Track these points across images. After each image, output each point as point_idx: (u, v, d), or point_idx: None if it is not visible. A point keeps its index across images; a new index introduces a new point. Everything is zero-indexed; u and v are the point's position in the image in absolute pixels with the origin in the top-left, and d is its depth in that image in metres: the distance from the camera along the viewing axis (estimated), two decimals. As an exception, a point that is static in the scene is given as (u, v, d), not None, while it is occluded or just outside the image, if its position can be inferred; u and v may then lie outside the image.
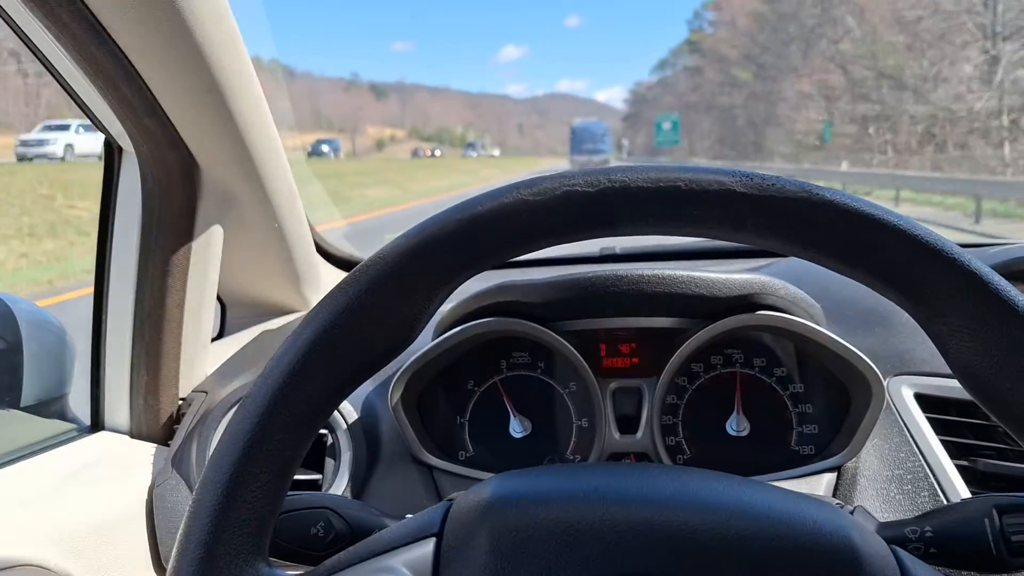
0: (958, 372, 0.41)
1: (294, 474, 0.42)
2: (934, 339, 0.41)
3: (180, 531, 0.40)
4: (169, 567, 0.40)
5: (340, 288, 0.41)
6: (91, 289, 0.91)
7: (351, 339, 0.41)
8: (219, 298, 1.14)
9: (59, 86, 0.78)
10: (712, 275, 0.81)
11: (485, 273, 0.73)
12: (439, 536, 0.42)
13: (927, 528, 0.52)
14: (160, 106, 0.76)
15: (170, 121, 0.79)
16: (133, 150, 0.82)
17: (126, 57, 0.69)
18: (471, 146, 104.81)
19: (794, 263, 1.09)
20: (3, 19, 0.69)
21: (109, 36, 0.67)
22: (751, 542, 0.40)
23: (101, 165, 0.88)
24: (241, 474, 0.39)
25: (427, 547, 0.42)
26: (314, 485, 0.84)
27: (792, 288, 0.82)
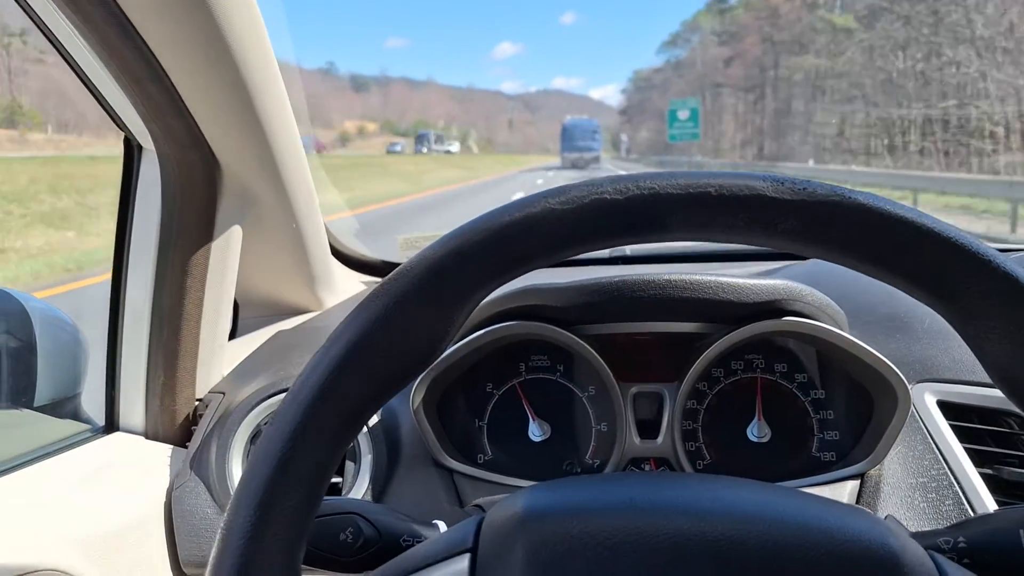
0: (994, 375, 0.41)
1: (325, 491, 0.42)
2: (969, 342, 0.41)
3: (212, 555, 0.39)
4: None
5: (368, 301, 0.41)
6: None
7: (381, 353, 0.40)
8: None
9: (80, 82, 0.77)
10: (739, 280, 0.80)
11: None
12: (473, 551, 0.42)
13: (960, 539, 0.52)
14: (185, 105, 0.76)
15: (194, 120, 0.78)
16: (154, 148, 0.81)
17: (154, 56, 0.69)
18: (421, 139, 77.57)
19: (812, 267, 1.09)
20: (30, 17, 0.69)
21: (138, 35, 0.66)
22: (791, 551, 0.40)
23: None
24: (273, 495, 0.39)
25: (462, 563, 0.42)
26: (334, 488, 0.84)
27: (818, 294, 0.82)
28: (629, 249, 1.35)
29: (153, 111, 0.75)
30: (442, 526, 0.61)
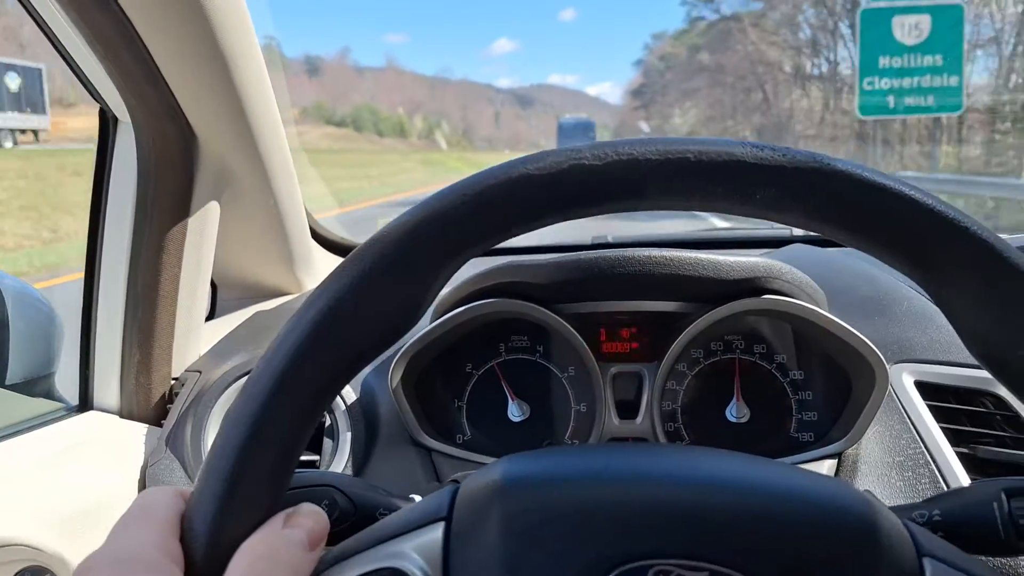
0: (967, 341, 0.41)
1: (299, 457, 0.41)
2: (944, 310, 0.41)
3: (185, 518, 0.39)
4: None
5: (344, 267, 0.40)
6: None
7: (356, 319, 0.40)
8: (211, 279, 1.13)
9: (55, 50, 0.76)
10: (718, 257, 0.81)
11: (480, 260, 0.72)
12: (448, 520, 0.42)
13: (935, 512, 0.52)
14: (161, 74, 0.74)
15: (170, 90, 0.77)
16: (130, 121, 0.80)
17: (129, 22, 0.67)
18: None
19: (792, 251, 1.10)
20: None
21: (114, 1, 0.65)
22: (767, 519, 0.39)
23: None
24: (246, 458, 0.38)
25: (436, 532, 0.41)
26: (312, 466, 0.83)
27: (798, 272, 0.82)
28: (611, 236, 1.35)
29: (128, 81, 0.74)
30: (419, 500, 0.61)
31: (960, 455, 0.76)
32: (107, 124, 0.84)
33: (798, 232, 1.30)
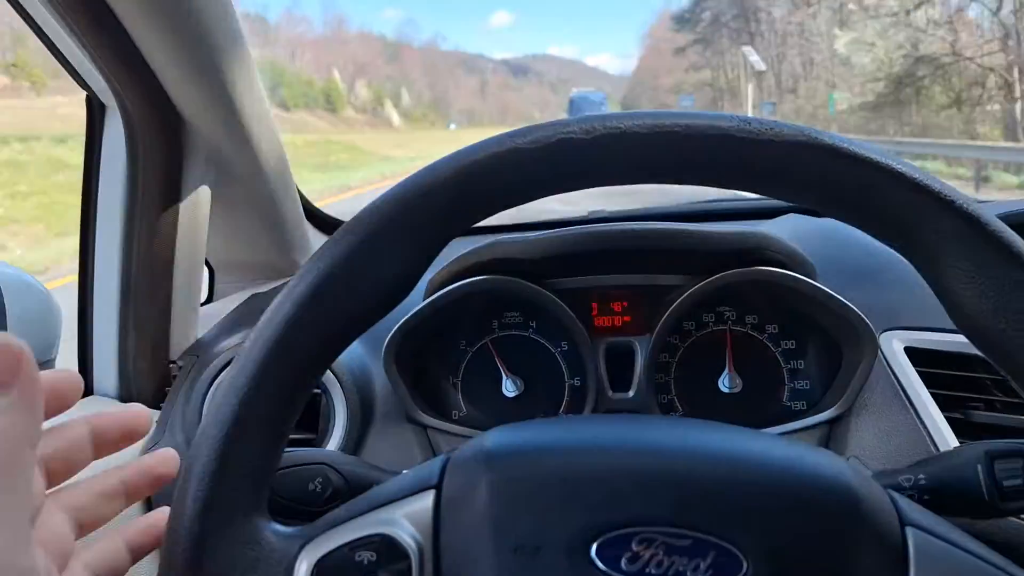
0: (956, 318, 0.41)
1: (291, 429, 0.42)
2: (930, 282, 0.41)
3: (176, 488, 0.39)
4: (167, 525, 0.40)
5: (334, 240, 0.41)
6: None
7: (345, 291, 0.41)
8: (207, 263, 1.13)
9: (37, 37, 0.76)
10: (708, 228, 0.81)
11: (472, 237, 0.73)
12: (438, 488, 0.42)
13: (920, 476, 0.53)
14: (143, 58, 0.74)
15: (154, 74, 0.77)
16: (116, 106, 0.80)
17: (107, 6, 0.67)
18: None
19: (784, 222, 1.10)
20: None
21: None
22: (751, 488, 0.40)
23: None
24: (237, 429, 0.39)
25: (427, 499, 0.42)
26: (308, 445, 0.84)
27: (788, 242, 0.82)
28: (606, 211, 1.35)
29: (111, 66, 0.74)
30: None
31: (950, 420, 0.76)
32: (94, 111, 0.84)
33: None
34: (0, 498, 0.30)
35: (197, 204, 0.89)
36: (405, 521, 0.41)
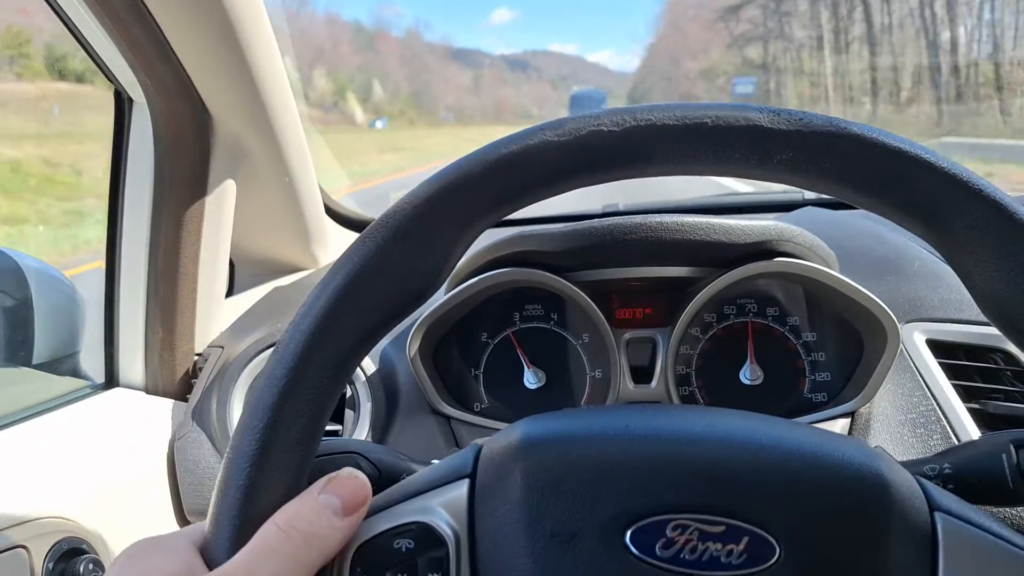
0: (981, 302, 0.42)
1: (327, 419, 0.42)
2: (958, 270, 0.42)
3: (219, 477, 0.40)
4: (209, 512, 0.40)
5: (367, 235, 0.41)
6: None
7: (377, 286, 0.41)
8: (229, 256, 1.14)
9: (68, 32, 0.77)
10: (729, 221, 0.81)
11: (494, 230, 0.74)
12: (472, 477, 0.43)
13: (946, 465, 0.53)
14: (174, 54, 0.75)
15: (183, 69, 0.78)
16: (144, 100, 0.81)
17: (142, 2, 0.68)
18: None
19: (803, 214, 1.10)
20: None
21: None
22: (782, 475, 0.41)
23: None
24: (277, 419, 0.39)
25: (462, 488, 0.43)
26: (335, 435, 0.85)
27: (809, 235, 0.82)
28: (622, 204, 1.36)
29: (142, 61, 0.75)
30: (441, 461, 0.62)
31: (971, 411, 0.77)
32: (122, 104, 0.85)
33: (810, 195, 1.30)
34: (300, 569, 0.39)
35: (222, 198, 0.90)
36: (441, 509, 0.42)
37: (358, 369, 0.85)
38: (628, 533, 0.39)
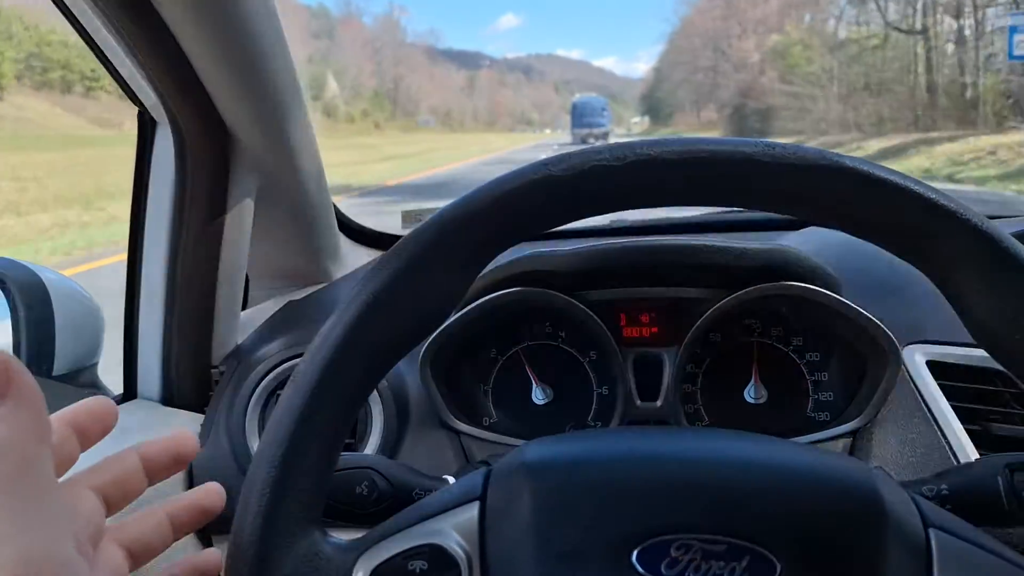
0: (973, 330, 0.43)
1: (343, 444, 0.45)
2: (950, 299, 0.44)
3: (238, 507, 0.42)
4: (230, 539, 0.42)
5: (382, 264, 0.43)
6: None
7: (394, 314, 0.43)
8: (244, 270, 1.16)
9: (93, 55, 0.79)
10: (735, 245, 0.83)
11: None
12: (482, 499, 0.45)
13: (943, 486, 0.55)
14: (198, 79, 0.78)
15: (207, 93, 0.80)
16: (168, 122, 0.83)
17: (167, 28, 0.71)
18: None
19: (808, 234, 1.12)
20: None
21: (152, 7, 0.68)
22: (782, 495, 0.42)
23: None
24: (294, 447, 0.41)
25: (472, 511, 0.44)
26: (347, 448, 0.87)
27: (812, 258, 0.84)
28: (629, 219, 1.37)
29: (166, 84, 0.77)
30: (451, 480, 0.64)
31: (970, 432, 0.79)
32: (145, 125, 0.87)
33: None
34: (25, 491, 0.33)
35: (241, 215, 0.93)
36: (453, 531, 0.44)
37: None
38: (635, 553, 0.41)
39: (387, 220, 1.44)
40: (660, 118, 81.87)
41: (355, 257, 1.24)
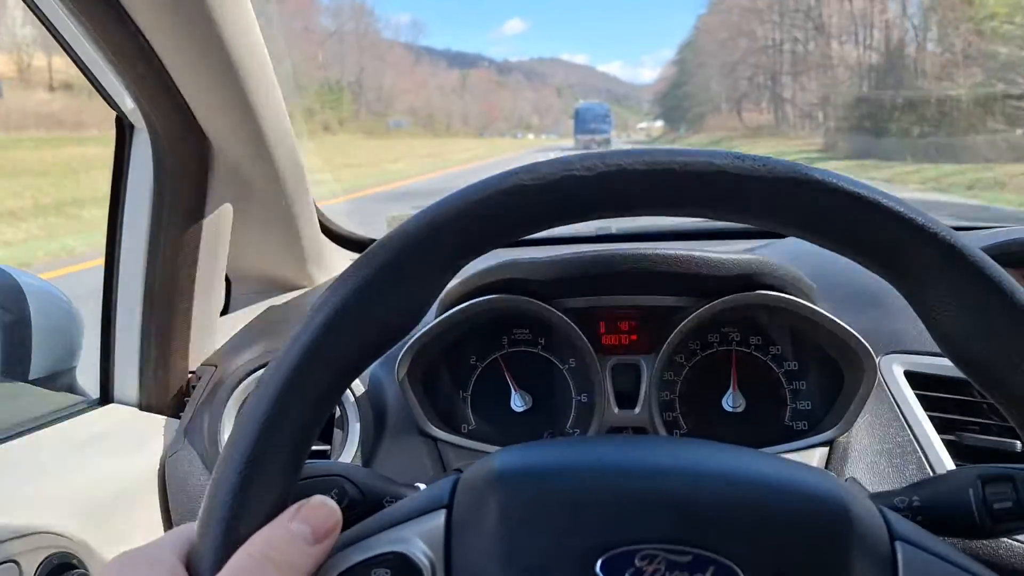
0: (940, 342, 0.43)
1: (309, 451, 0.44)
2: (918, 311, 0.44)
3: (201, 509, 0.41)
4: (196, 536, 0.42)
5: (349, 273, 0.43)
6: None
7: (362, 321, 0.43)
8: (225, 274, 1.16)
9: (70, 60, 0.79)
10: (713, 255, 0.83)
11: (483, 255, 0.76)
12: (449, 507, 0.44)
13: (915, 498, 0.55)
14: (175, 84, 0.77)
15: (184, 99, 0.80)
16: (145, 127, 0.83)
17: (143, 35, 0.71)
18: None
19: (789, 244, 1.12)
20: (24, 1, 0.70)
21: (127, 15, 0.68)
22: (748, 506, 0.42)
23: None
24: (258, 453, 0.41)
25: (439, 519, 0.44)
26: (323, 456, 0.87)
27: (790, 268, 0.84)
28: (615, 227, 1.38)
29: (143, 90, 0.77)
30: (423, 488, 0.64)
31: (946, 442, 0.79)
32: (123, 130, 0.87)
33: None
34: None
35: (220, 220, 0.92)
36: (418, 539, 0.43)
37: (348, 390, 0.87)
38: (598, 563, 0.41)
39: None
40: (685, 121, 71.54)
41: (339, 260, 1.24)
